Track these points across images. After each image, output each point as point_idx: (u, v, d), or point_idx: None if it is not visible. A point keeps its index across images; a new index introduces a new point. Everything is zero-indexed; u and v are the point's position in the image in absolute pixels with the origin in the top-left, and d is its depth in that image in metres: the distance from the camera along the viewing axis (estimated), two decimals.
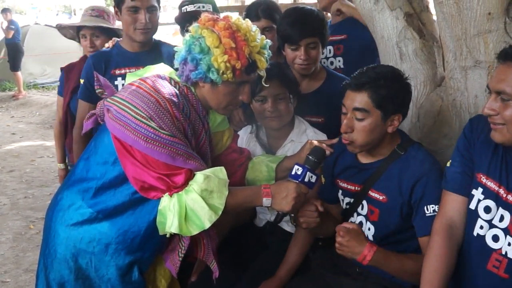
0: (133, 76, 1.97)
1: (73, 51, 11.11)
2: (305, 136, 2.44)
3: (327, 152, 2.11)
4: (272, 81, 2.30)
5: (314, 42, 2.55)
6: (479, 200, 1.78)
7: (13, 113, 10.60)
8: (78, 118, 2.84)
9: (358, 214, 2.13)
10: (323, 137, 2.44)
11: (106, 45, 2.94)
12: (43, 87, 12.41)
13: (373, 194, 2.06)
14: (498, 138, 1.68)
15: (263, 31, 2.78)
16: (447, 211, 1.87)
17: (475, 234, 1.78)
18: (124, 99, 1.79)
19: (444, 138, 2.32)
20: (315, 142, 2.13)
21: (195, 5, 3.12)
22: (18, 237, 4.59)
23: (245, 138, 2.54)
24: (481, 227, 1.77)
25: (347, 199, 2.16)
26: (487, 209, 1.76)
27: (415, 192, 1.95)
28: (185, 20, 3.13)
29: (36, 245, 4.33)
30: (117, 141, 1.77)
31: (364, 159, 2.11)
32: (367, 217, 2.10)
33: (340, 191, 2.18)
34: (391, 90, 1.94)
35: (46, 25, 13.94)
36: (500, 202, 1.72)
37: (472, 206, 1.80)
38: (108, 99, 1.85)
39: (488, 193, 1.76)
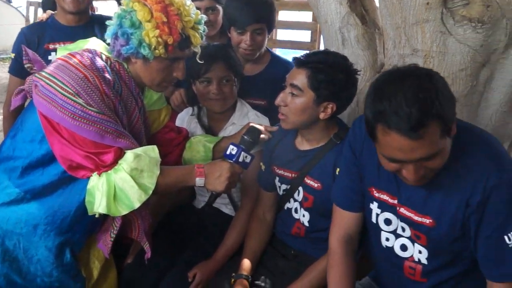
0: (64, 50, 1.89)
1: (17, 23, 10.75)
2: (246, 119, 2.42)
3: (265, 136, 2.11)
4: (218, 63, 2.28)
5: (261, 28, 2.53)
6: (377, 214, 1.76)
7: None
8: (8, 94, 2.74)
9: (295, 200, 2.14)
10: (265, 119, 2.43)
11: (40, 17, 2.83)
12: None
13: (308, 181, 2.07)
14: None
15: (206, 11, 2.74)
16: (342, 228, 1.85)
17: (383, 246, 1.77)
18: (51, 74, 1.72)
19: None
20: (256, 125, 2.11)
21: None
22: None
23: (186, 119, 2.51)
24: (387, 239, 1.76)
25: (284, 186, 2.16)
26: (388, 222, 1.74)
27: None
28: None
29: None
30: (44, 118, 1.71)
31: (301, 146, 2.11)
32: (301, 203, 2.11)
33: (277, 178, 2.18)
34: (329, 77, 1.93)
35: None
36: (397, 215, 1.71)
37: (373, 219, 1.78)
38: (36, 74, 1.78)
39: (384, 206, 1.73)
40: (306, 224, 2.11)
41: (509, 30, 2.00)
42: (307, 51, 2.09)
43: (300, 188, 2.10)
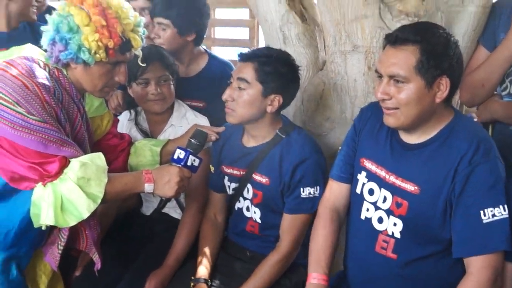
0: None
1: None
2: (185, 120, 2.42)
3: (212, 138, 2.12)
4: (154, 63, 2.26)
5: (165, 24, 2.55)
6: (363, 184, 1.85)
7: None
8: None
9: (245, 199, 2.15)
10: (204, 119, 2.43)
11: None
12: None
13: (256, 177, 2.09)
14: (392, 123, 1.72)
15: (140, 11, 2.72)
16: (330, 197, 1.96)
17: (362, 217, 1.85)
18: None
19: (327, 121, 2.38)
20: (202, 128, 2.10)
21: None
22: None
23: (125, 123, 2.46)
24: (367, 210, 1.84)
25: (233, 185, 2.17)
26: (371, 192, 1.83)
27: (295, 174, 2.00)
28: None
29: None
30: None
31: (248, 144, 2.14)
32: (251, 200, 2.13)
33: (226, 177, 2.19)
34: (275, 69, 1.99)
35: None
36: (383, 184, 1.79)
37: (358, 190, 1.87)
38: None
39: (371, 176, 1.83)
40: (259, 220, 2.13)
41: (444, 22, 2.08)
42: (247, 48, 2.14)
43: (249, 185, 2.11)
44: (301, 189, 2.00)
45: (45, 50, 1.79)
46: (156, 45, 2.48)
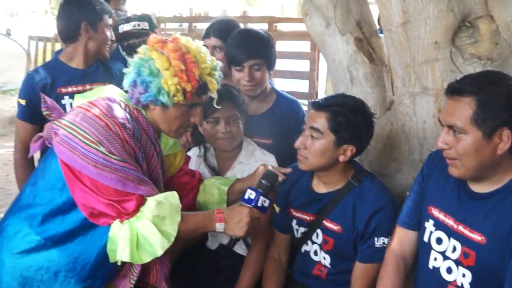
0: (81, 98, 1.92)
1: (17, 56, 10.80)
2: (253, 158, 2.45)
3: (280, 179, 2.12)
4: (224, 103, 2.31)
5: (258, 63, 2.55)
6: (431, 232, 1.83)
7: None
8: (19, 141, 2.69)
9: (313, 243, 2.15)
10: (272, 158, 2.46)
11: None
12: None
13: (328, 224, 2.09)
14: (454, 172, 1.72)
15: (213, 49, 2.79)
16: (397, 244, 1.95)
17: (430, 266, 1.82)
18: (72, 123, 1.74)
19: (394, 162, 2.36)
20: (269, 167, 2.13)
21: (130, 23, 3.16)
22: None
23: (194, 159, 2.53)
24: (435, 259, 1.81)
25: (301, 229, 2.18)
26: (439, 241, 1.80)
27: (370, 224, 2.00)
28: (122, 39, 3.15)
29: None
30: (65, 166, 1.72)
31: (318, 189, 2.13)
32: (321, 246, 2.12)
33: (295, 221, 2.19)
34: (349, 119, 1.97)
35: None
36: (451, 233, 1.76)
37: (425, 238, 1.85)
38: (56, 122, 1.79)
39: (439, 225, 1.81)
40: (328, 266, 2.12)
41: None
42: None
43: (319, 231, 2.11)
44: (375, 238, 1.99)
45: (126, 91, 1.88)
46: (227, 85, 2.51)
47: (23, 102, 2.62)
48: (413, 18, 2.04)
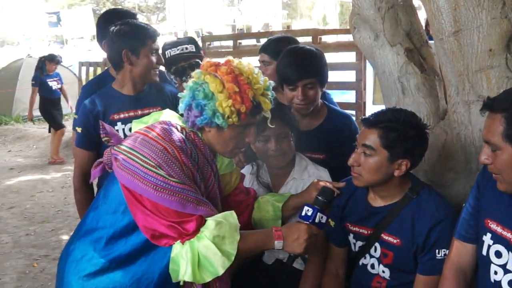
0: (139, 123, 1.98)
1: (69, 82, 11.17)
2: (306, 173, 2.46)
3: (335, 193, 2.12)
4: (274, 121, 2.32)
5: (312, 82, 2.55)
6: (489, 246, 1.79)
7: (10, 147, 10.57)
8: (77, 167, 2.78)
9: (371, 257, 2.14)
10: (325, 172, 2.45)
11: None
12: (39, 119, 12.42)
13: (386, 237, 2.07)
14: (500, 187, 1.71)
15: (262, 63, 2.83)
16: (455, 257, 1.92)
17: (492, 280, 1.78)
18: (131, 148, 1.79)
19: (450, 172, 2.33)
20: (322, 183, 2.14)
21: (178, 47, 3.20)
22: (22, 276, 4.53)
23: (248, 177, 2.55)
24: (495, 273, 1.77)
25: (359, 243, 2.17)
26: (498, 254, 1.76)
27: (430, 236, 1.98)
28: (170, 64, 3.20)
29: (41, 283, 4.30)
30: (126, 190, 1.77)
31: (375, 203, 2.12)
32: (380, 259, 2.11)
33: (352, 235, 2.19)
34: (401, 134, 1.95)
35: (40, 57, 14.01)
36: (511, 246, 1.72)
37: (484, 252, 1.81)
38: (115, 148, 1.85)
39: (497, 238, 1.77)
40: (388, 278, 2.11)
41: None
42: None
43: (377, 244, 2.10)
44: (436, 250, 1.97)
45: (181, 115, 1.92)
46: (277, 102, 2.54)
47: (79, 130, 2.71)
48: (465, 26, 2.02)
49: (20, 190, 7.28)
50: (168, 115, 1.98)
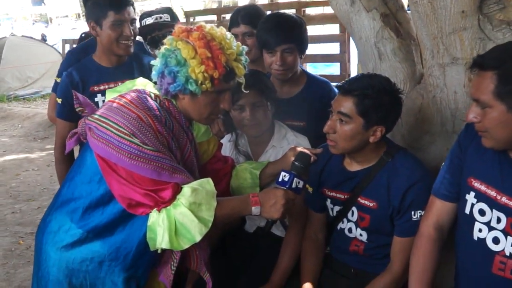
0: (112, 93, 1.96)
1: (54, 60, 11.06)
2: (285, 141, 2.46)
3: (312, 159, 2.12)
4: (249, 89, 2.31)
5: (290, 48, 2.55)
6: (472, 204, 1.80)
7: None
8: (58, 138, 2.81)
9: (349, 221, 2.16)
10: (304, 139, 2.46)
11: None
12: (24, 99, 12.31)
13: (363, 201, 2.09)
14: (487, 144, 1.71)
15: (243, 36, 2.80)
16: (434, 215, 1.93)
17: (475, 238, 1.79)
18: (104, 117, 1.78)
19: (426, 135, 2.34)
20: (299, 149, 2.14)
21: (152, 17, 3.17)
22: (8, 253, 4.53)
23: (227, 146, 2.55)
24: (480, 230, 1.78)
25: (336, 207, 2.19)
26: (482, 212, 1.78)
27: (405, 198, 1.99)
28: (145, 33, 3.17)
29: (27, 260, 4.30)
30: (101, 159, 1.77)
31: (351, 168, 2.14)
32: (357, 223, 2.13)
33: (329, 200, 2.21)
34: (376, 101, 1.95)
35: (23, 36, 13.82)
36: (494, 205, 1.74)
37: (467, 210, 1.82)
38: (89, 117, 1.84)
39: (481, 196, 1.78)
40: (365, 241, 2.13)
41: None
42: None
43: (354, 208, 2.11)
44: (412, 212, 1.99)
45: (155, 83, 1.91)
46: (254, 71, 2.51)
47: (59, 101, 2.71)
48: None
49: (5, 169, 7.24)
50: (141, 83, 1.97)
